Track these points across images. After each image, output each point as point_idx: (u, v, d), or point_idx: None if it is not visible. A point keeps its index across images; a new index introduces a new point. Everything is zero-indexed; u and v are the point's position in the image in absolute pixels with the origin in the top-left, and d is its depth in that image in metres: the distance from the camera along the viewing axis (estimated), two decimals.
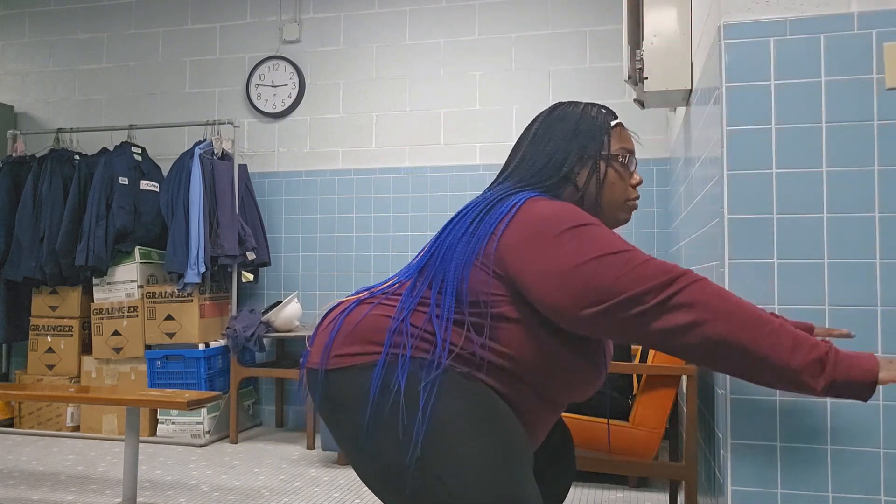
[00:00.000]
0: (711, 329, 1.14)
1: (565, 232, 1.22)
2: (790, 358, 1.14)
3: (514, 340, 1.28)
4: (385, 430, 1.24)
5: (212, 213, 4.18)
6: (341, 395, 1.29)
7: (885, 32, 1.63)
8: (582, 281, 1.18)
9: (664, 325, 1.16)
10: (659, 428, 2.33)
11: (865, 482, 1.58)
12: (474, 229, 1.30)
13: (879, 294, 1.61)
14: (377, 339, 1.29)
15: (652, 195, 4.11)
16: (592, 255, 1.19)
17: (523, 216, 1.26)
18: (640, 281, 1.16)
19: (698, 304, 1.15)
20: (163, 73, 4.89)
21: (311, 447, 3.91)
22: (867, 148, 1.63)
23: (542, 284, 1.21)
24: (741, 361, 1.16)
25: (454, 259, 1.29)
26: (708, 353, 1.16)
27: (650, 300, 1.16)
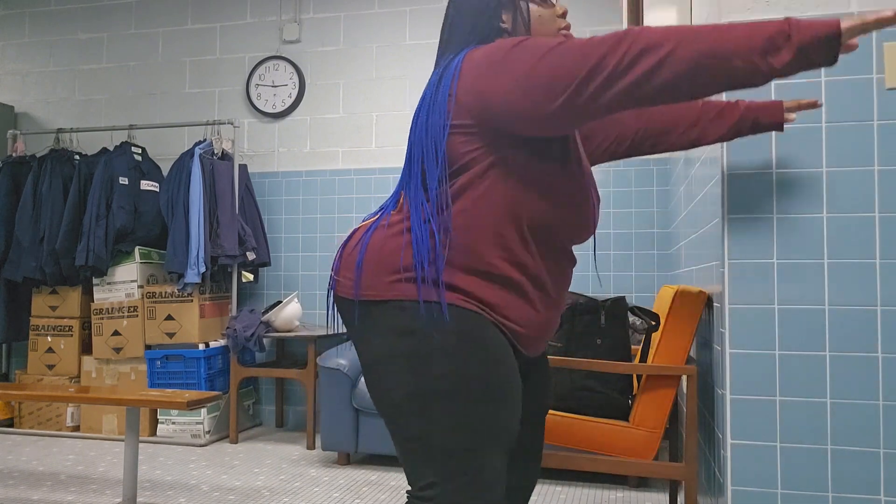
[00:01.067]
0: (676, 56, 1.16)
1: (510, 50, 1.25)
2: (753, 40, 1.16)
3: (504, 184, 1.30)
4: (401, 363, 1.28)
5: (212, 213, 4.18)
6: (381, 325, 1.31)
7: (885, 32, 1.63)
8: (542, 77, 1.21)
9: (633, 77, 1.18)
10: (659, 428, 2.33)
11: (865, 482, 1.58)
12: (433, 103, 1.33)
13: (879, 294, 1.61)
14: (404, 263, 1.30)
15: (652, 195, 4.11)
16: (542, 53, 1.22)
17: (468, 64, 1.30)
18: (593, 52, 1.19)
19: (653, 43, 1.17)
20: (163, 73, 4.89)
21: (311, 447, 3.91)
22: (867, 148, 1.63)
23: (508, 100, 1.24)
24: (713, 71, 1.17)
25: (429, 137, 1.32)
26: (681, 82, 1.18)
27: (610, 61, 1.18)
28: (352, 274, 1.35)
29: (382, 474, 3.41)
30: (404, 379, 1.27)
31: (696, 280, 2.49)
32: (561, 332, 2.43)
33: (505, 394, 1.29)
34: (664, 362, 2.31)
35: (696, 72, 1.17)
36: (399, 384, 1.28)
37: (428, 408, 1.26)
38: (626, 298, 4.05)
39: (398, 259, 1.30)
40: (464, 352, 1.26)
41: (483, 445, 1.27)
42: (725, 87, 1.20)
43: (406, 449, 1.30)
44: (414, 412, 1.27)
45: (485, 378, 1.27)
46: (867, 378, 1.61)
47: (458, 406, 1.26)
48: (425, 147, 1.32)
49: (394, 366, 1.28)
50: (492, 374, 1.27)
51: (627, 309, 2.43)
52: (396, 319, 1.29)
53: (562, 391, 2.43)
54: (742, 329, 1.70)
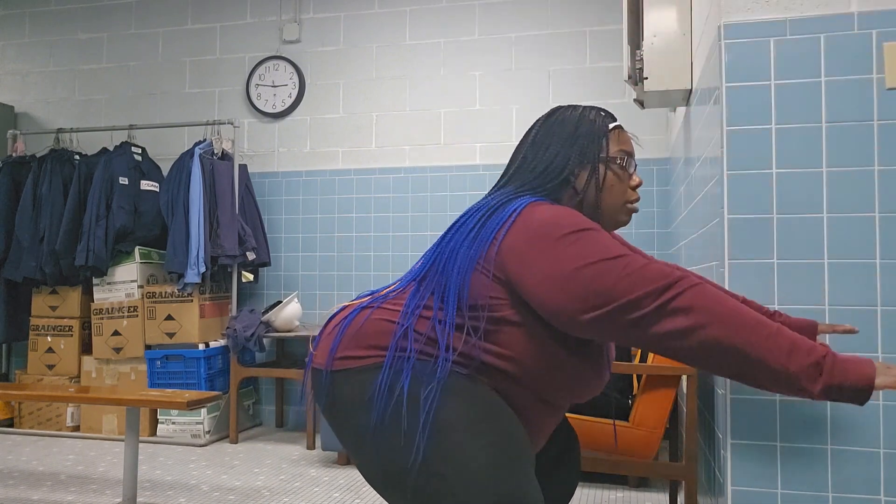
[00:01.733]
0: (709, 333, 1.15)
1: (565, 236, 1.23)
2: (787, 362, 1.15)
3: (515, 343, 1.29)
4: (389, 431, 1.26)
5: (212, 213, 4.18)
6: (346, 396, 1.31)
7: (885, 32, 1.63)
8: (582, 285, 1.20)
9: (662, 329, 1.17)
10: (659, 428, 2.33)
11: (865, 482, 1.58)
12: (475, 234, 1.31)
13: (879, 294, 1.61)
14: (382, 342, 1.31)
15: (652, 195, 4.11)
16: (592, 259, 1.20)
17: (524, 221, 1.27)
18: (639, 285, 1.17)
19: (696, 308, 1.16)
20: (163, 73, 4.89)
21: (311, 447, 3.91)
22: (867, 148, 1.63)
23: (542, 288, 1.22)
24: (739, 365, 1.17)
25: (456, 264, 1.31)
26: (706, 357, 1.17)
27: (649, 304, 1.17)
28: (329, 346, 1.36)
29: None
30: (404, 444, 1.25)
31: None
32: None
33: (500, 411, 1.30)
34: (664, 362, 2.30)
35: (720, 356, 1.17)
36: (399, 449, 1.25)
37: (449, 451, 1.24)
38: None
39: (382, 331, 1.32)
40: (477, 419, 1.27)
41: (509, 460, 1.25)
42: (741, 380, 1.20)
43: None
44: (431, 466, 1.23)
45: (485, 408, 1.28)
46: None
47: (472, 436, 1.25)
48: (450, 264, 1.32)
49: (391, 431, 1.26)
50: (491, 403, 1.29)
51: None
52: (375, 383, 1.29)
53: None
54: None
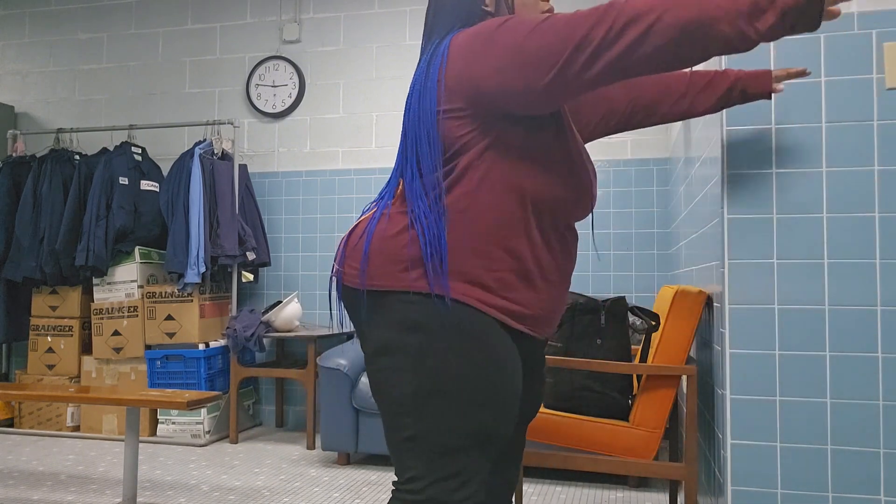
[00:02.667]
0: (662, 24, 1.17)
1: (495, 31, 1.26)
2: (737, 4, 1.17)
3: (501, 165, 1.29)
4: (402, 359, 1.28)
5: (212, 213, 4.18)
6: (387, 317, 1.31)
7: (885, 32, 1.63)
8: (530, 55, 1.21)
9: (621, 47, 1.18)
10: (659, 428, 2.33)
11: (865, 482, 1.58)
12: (423, 90, 1.33)
13: (879, 294, 1.61)
14: (412, 254, 1.29)
15: (652, 195, 4.11)
16: (527, 30, 1.23)
17: (454, 48, 1.30)
18: (579, 25, 1.19)
19: (639, 13, 1.18)
20: (163, 73, 4.89)
21: (311, 447, 3.91)
22: (867, 148, 1.63)
23: (497, 81, 1.24)
24: (699, 37, 1.18)
25: (421, 125, 1.32)
26: (669, 50, 1.18)
27: (597, 34, 1.18)
28: (358, 264, 1.34)
29: (382, 474, 3.41)
30: (404, 375, 1.28)
31: (696, 280, 2.49)
32: (561, 332, 2.43)
33: (502, 400, 1.29)
34: (664, 362, 2.31)
35: (683, 39, 1.18)
36: (398, 379, 1.28)
37: (423, 405, 1.27)
38: (626, 298, 4.05)
39: (404, 250, 1.29)
40: (466, 352, 1.26)
41: (472, 447, 1.28)
42: (712, 53, 1.21)
43: (396, 440, 1.31)
44: (408, 408, 1.28)
45: (484, 381, 1.27)
46: (867, 378, 1.61)
47: (454, 406, 1.26)
48: (418, 134, 1.32)
49: (395, 360, 1.29)
50: (492, 379, 1.27)
51: (627, 309, 2.43)
52: (402, 313, 1.29)
53: (562, 391, 2.43)
54: (742, 329, 1.70)
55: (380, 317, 1.32)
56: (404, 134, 1.36)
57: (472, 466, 1.29)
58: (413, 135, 1.33)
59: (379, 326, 1.31)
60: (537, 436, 2.40)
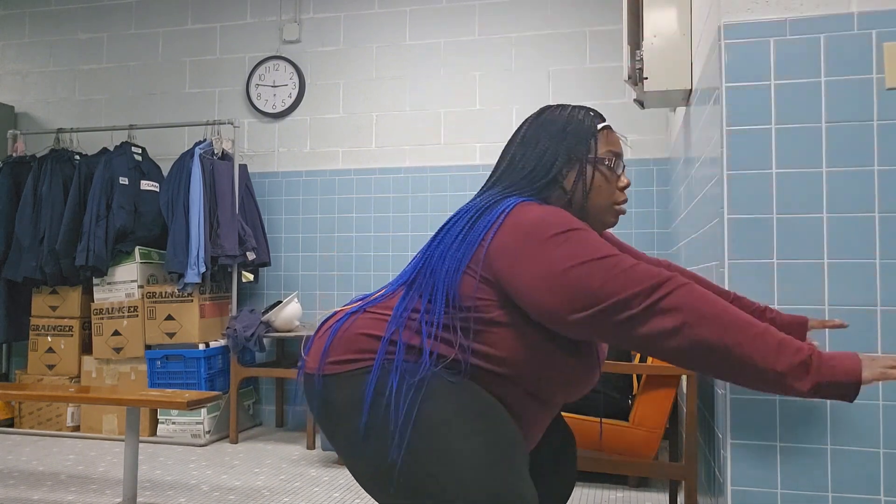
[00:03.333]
0: (697, 332, 1.16)
1: (554, 237, 1.23)
2: (775, 361, 1.16)
3: (505, 344, 1.30)
4: (379, 433, 1.26)
5: (212, 213, 4.18)
6: (337, 400, 1.31)
7: (885, 32, 1.63)
8: (570, 285, 1.20)
9: (651, 329, 1.17)
10: (659, 428, 2.33)
11: (865, 482, 1.58)
12: (464, 237, 1.31)
13: (879, 294, 1.61)
14: (371, 346, 1.32)
15: (652, 195, 4.11)
16: (581, 259, 1.20)
17: (512, 221, 1.28)
18: (628, 285, 1.18)
19: (684, 308, 1.16)
20: (163, 73, 4.89)
21: (311, 447, 3.91)
22: (867, 148, 1.63)
23: (530, 288, 1.23)
24: (726, 365, 1.17)
25: (444, 266, 1.31)
26: (694, 357, 1.18)
27: (637, 304, 1.17)
28: (319, 354, 1.36)
29: None
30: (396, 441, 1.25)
31: None
32: None
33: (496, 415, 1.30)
34: (664, 363, 2.30)
35: (710, 356, 1.17)
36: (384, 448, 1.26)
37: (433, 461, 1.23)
38: None
39: (371, 335, 1.32)
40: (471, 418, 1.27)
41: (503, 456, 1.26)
42: (731, 380, 1.20)
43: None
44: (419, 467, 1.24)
45: (478, 404, 1.29)
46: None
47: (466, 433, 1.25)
48: (439, 277, 1.31)
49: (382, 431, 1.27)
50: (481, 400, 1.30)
51: None
52: (359, 388, 1.30)
53: None
54: None
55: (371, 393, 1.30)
56: (427, 259, 1.35)
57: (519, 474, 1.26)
58: (433, 264, 1.33)
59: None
60: None
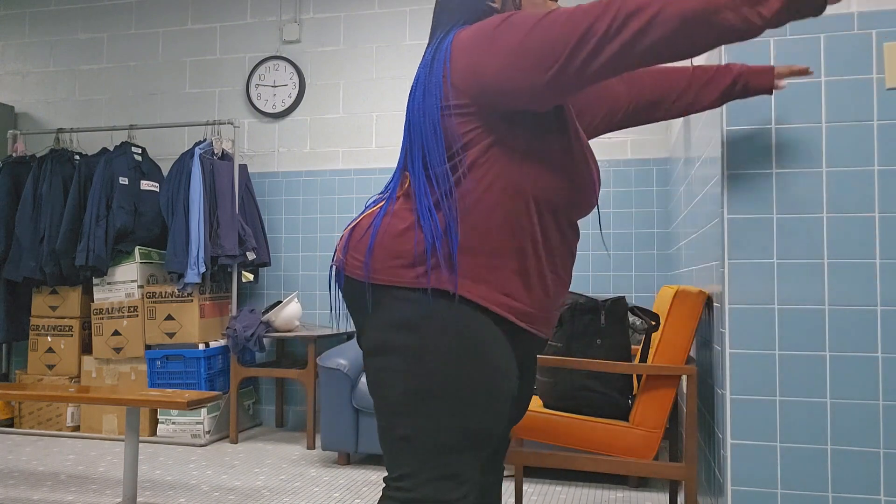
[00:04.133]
0: (665, 15, 1.16)
1: (498, 26, 1.25)
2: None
3: (502, 162, 1.29)
4: (397, 358, 1.28)
5: (212, 213, 4.18)
6: (387, 313, 1.31)
7: (885, 32, 1.63)
8: (533, 50, 1.21)
9: (623, 40, 1.18)
10: (659, 428, 2.33)
11: (865, 482, 1.58)
12: (426, 86, 1.32)
13: (879, 294, 1.61)
14: (415, 250, 1.29)
15: (652, 195, 4.11)
16: (530, 25, 1.22)
17: (457, 44, 1.30)
18: (582, 19, 1.19)
19: (642, 4, 1.17)
20: (163, 73, 4.89)
21: (311, 447, 3.91)
22: (867, 148, 1.63)
23: (500, 77, 1.24)
24: (703, 26, 1.17)
25: (426, 120, 1.31)
26: (672, 40, 1.18)
27: (599, 27, 1.18)
28: (362, 256, 1.34)
29: (382, 474, 3.41)
30: (399, 375, 1.28)
31: (696, 280, 2.49)
32: (561, 332, 2.43)
33: (496, 401, 1.29)
34: (664, 362, 2.30)
35: (686, 28, 1.17)
36: (393, 379, 1.28)
37: (417, 406, 1.27)
38: (626, 298, 4.05)
39: (409, 247, 1.29)
40: (461, 354, 1.26)
41: (466, 447, 1.28)
42: (716, 42, 1.20)
43: (389, 438, 1.31)
44: (402, 408, 1.28)
45: (479, 383, 1.27)
46: (867, 378, 1.61)
47: (449, 408, 1.26)
48: (423, 129, 1.32)
49: (391, 360, 1.29)
50: (487, 380, 1.27)
51: (627, 309, 2.43)
52: (400, 311, 1.28)
53: (562, 391, 2.43)
54: (742, 329, 1.70)
55: (378, 314, 1.31)
56: (408, 128, 1.36)
57: (466, 466, 1.29)
58: (418, 129, 1.33)
59: (377, 324, 1.31)
60: (537, 436, 2.39)
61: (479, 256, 1.29)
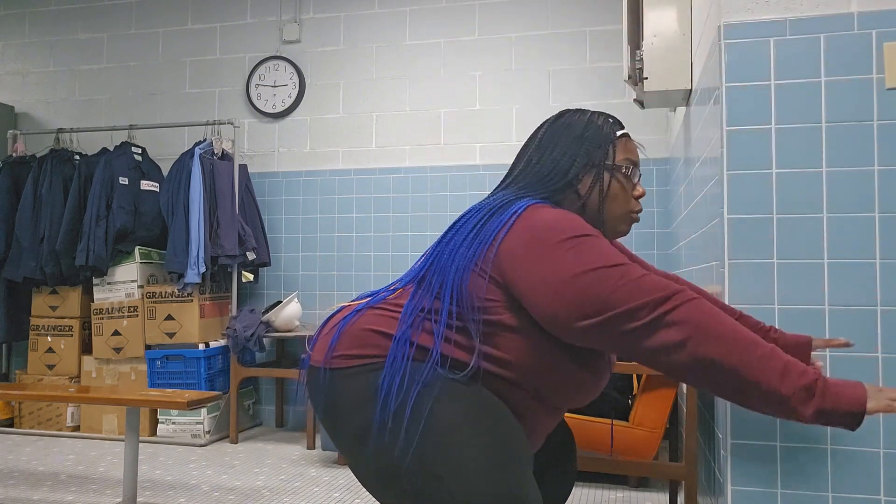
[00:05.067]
0: (702, 349, 1.15)
1: (565, 241, 1.22)
2: (780, 384, 1.14)
3: (513, 347, 1.29)
4: (385, 431, 1.25)
5: (212, 213, 4.18)
6: (344, 396, 1.30)
7: (885, 32, 1.63)
8: (578, 292, 1.19)
9: (656, 342, 1.16)
10: (659, 428, 2.33)
11: (865, 482, 1.58)
12: (475, 235, 1.30)
13: (879, 294, 1.61)
14: (380, 343, 1.31)
15: (652, 195, 4.11)
16: (590, 266, 1.19)
17: (524, 223, 1.27)
18: (636, 296, 1.17)
19: (691, 323, 1.15)
20: (163, 73, 4.89)
21: (311, 447, 3.91)
22: (867, 148, 1.63)
23: (537, 292, 1.22)
24: (729, 384, 1.16)
25: (454, 264, 1.30)
26: (697, 374, 1.17)
27: (644, 316, 1.16)
28: (325, 346, 1.36)
29: None
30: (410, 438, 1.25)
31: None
32: None
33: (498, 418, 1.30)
34: None
35: (713, 374, 1.16)
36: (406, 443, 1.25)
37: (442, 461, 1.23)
38: None
39: (381, 331, 1.32)
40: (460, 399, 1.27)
41: (509, 462, 1.25)
42: (734, 400, 1.19)
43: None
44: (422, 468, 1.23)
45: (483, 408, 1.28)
46: (867, 378, 1.61)
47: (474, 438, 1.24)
48: (448, 275, 1.30)
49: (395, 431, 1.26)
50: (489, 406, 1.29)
51: None
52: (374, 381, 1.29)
53: None
54: None
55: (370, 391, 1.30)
56: (437, 257, 1.34)
57: (524, 482, 1.25)
58: (443, 261, 1.32)
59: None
60: None
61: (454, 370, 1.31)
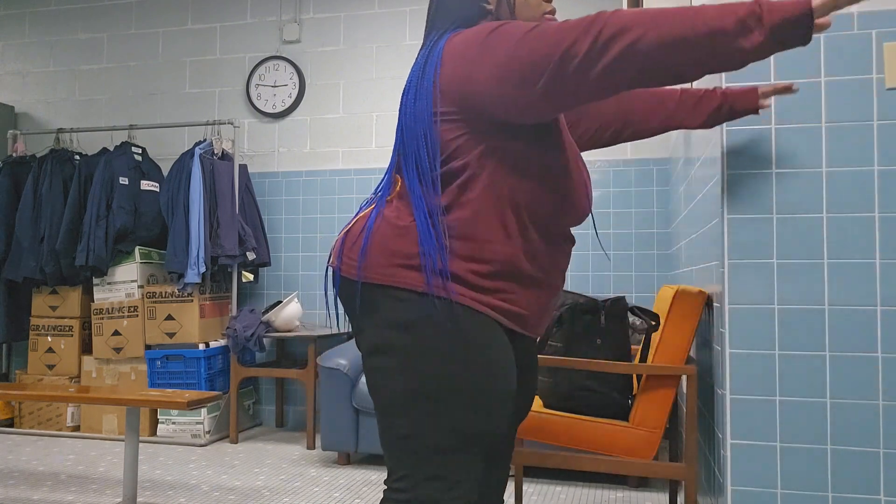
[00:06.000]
0: (647, 39, 1.15)
1: (487, 36, 1.25)
2: (724, 22, 1.15)
3: (496, 172, 1.29)
4: (395, 359, 1.28)
5: (212, 213, 4.18)
6: (382, 311, 1.30)
7: (885, 32, 1.63)
8: (519, 63, 1.21)
9: (607, 61, 1.17)
10: (659, 428, 2.33)
11: (865, 482, 1.58)
12: (418, 89, 1.32)
13: (879, 294, 1.61)
14: (410, 250, 1.29)
15: (652, 195, 4.11)
16: (517, 38, 1.22)
17: (449, 50, 1.30)
18: (565, 36, 1.19)
19: (624, 27, 1.16)
20: (163, 73, 4.89)
21: (311, 447, 3.91)
22: (867, 148, 1.63)
23: (488, 88, 1.24)
24: (684, 54, 1.16)
25: (418, 126, 1.31)
26: (656, 66, 1.17)
27: (582, 46, 1.17)
28: (356, 257, 1.34)
29: (382, 474, 3.41)
30: (396, 375, 1.28)
31: (696, 280, 2.49)
32: (561, 332, 2.43)
33: (495, 400, 1.29)
34: (664, 362, 2.30)
35: (668, 56, 1.16)
36: (390, 379, 1.29)
37: (415, 406, 1.27)
38: (626, 298, 4.05)
39: (403, 248, 1.30)
40: (458, 353, 1.26)
41: (464, 447, 1.28)
42: (699, 71, 1.19)
43: (388, 439, 1.31)
44: (400, 408, 1.28)
45: (476, 383, 1.27)
46: (867, 378, 1.61)
47: (446, 408, 1.26)
48: (415, 134, 1.32)
49: (388, 360, 1.29)
50: (484, 379, 1.27)
51: (627, 309, 2.43)
52: (396, 311, 1.28)
53: (562, 391, 2.43)
54: (742, 329, 1.70)
55: (375, 314, 1.31)
56: (400, 131, 1.36)
57: (465, 466, 1.29)
58: (410, 134, 1.33)
59: (374, 325, 1.31)
60: (537, 436, 2.40)
61: (471, 262, 1.29)
